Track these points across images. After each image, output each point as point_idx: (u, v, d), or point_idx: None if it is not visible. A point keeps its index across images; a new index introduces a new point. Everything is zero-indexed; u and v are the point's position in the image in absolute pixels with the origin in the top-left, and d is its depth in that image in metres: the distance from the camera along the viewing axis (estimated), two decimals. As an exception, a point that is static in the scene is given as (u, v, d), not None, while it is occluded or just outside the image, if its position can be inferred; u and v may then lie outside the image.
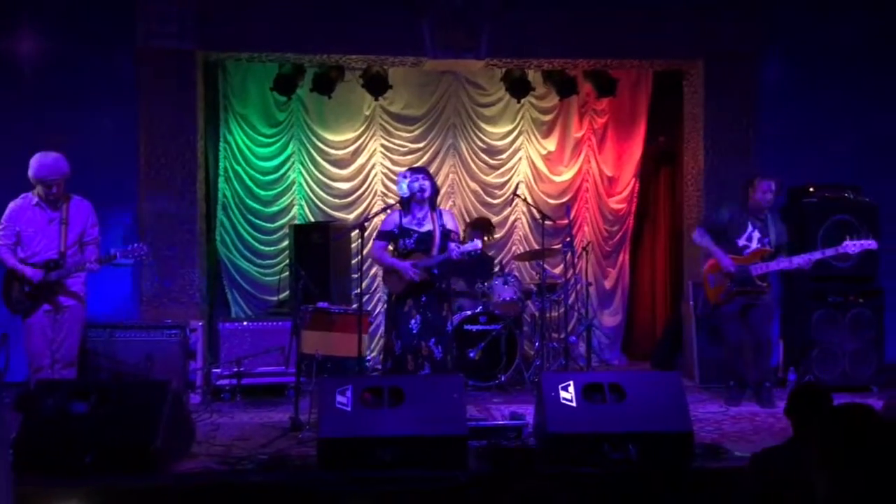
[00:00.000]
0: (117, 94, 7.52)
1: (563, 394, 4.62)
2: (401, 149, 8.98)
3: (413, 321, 5.95)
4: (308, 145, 8.82)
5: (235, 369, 6.85)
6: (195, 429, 5.14)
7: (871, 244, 6.31)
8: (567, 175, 9.16)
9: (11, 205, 5.74)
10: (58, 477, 4.24)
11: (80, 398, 4.59)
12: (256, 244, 8.73)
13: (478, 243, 5.90)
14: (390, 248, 6.10)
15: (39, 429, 4.46)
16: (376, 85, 8.25)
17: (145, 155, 7.53)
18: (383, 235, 6.10)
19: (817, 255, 6.35)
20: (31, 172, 5.62)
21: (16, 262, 5.63)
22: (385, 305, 7.84)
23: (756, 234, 6.48)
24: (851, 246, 6.26)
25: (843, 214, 7.35)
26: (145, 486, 4.21)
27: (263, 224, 8.75)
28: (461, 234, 6.54)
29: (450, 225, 6.05)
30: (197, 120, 7.71)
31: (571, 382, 4.68)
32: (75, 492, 4.12)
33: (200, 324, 7.06)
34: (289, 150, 8.79)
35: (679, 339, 8.19)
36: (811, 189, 7.58)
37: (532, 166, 9.12)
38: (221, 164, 8.62)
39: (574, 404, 4.61)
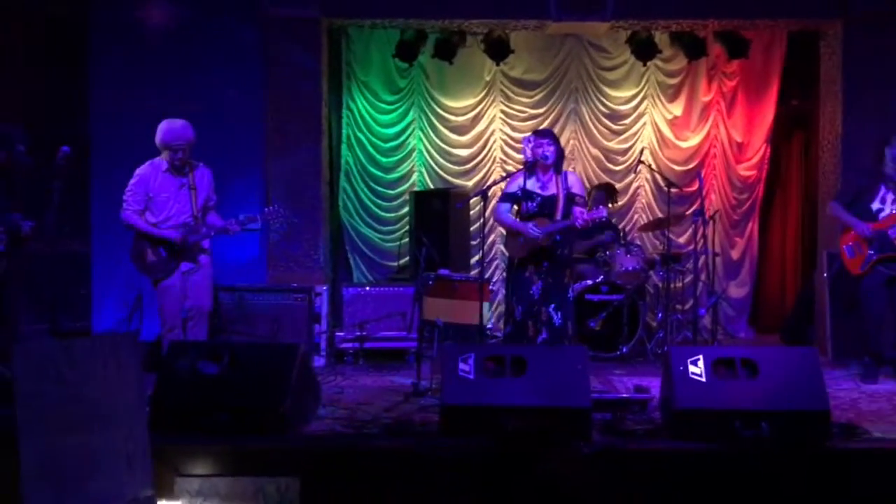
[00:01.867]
0: (243, 62, 7.68)
1: (691, 368, 4.47)
2: (521, 114, 8.86)
3: (535, 287, 5.89)
4: (428, 112, 8.80)
5: (358, 333, 6.97)
6: (321, 392, 5.23)
7: None
8: (694, 141, 8.85)
9: (139, 171, 5.82)
10: (190, 435, 4.35)
11: (212, 359, 4.67)
12: (377, 210, 8.80)
13: (603, 210, 5.74)
14: (513, 210, 6.04)
15: (174, 388, 4.57)
16: (498, 50, 8.14)
17: (272, 122, 7.67)
18: (507, 197, 6.03)
19: None
20: (158, 137, 5.74)
21: (150, 226, 5.75)
22: (504, 273, 7.80)
23: (890, 196, 6.15)
24: None
25: None
26: (275, 447, 4.29)
27: (384, 191, 8.81)
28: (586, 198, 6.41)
29: (575, 188, 5.92)
30: (321, 87, 7.80)
31: (701, 357, 4.51)
32: (208, 450, 4.24)
33: (325, 288, 7.19)
34: (409, 117, 8.80)
35: (811, 311, 7.85)
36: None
37: (657, 131, 8.85)
38: (344, 132, 8.71)
39: (703, 379, 4.45)
